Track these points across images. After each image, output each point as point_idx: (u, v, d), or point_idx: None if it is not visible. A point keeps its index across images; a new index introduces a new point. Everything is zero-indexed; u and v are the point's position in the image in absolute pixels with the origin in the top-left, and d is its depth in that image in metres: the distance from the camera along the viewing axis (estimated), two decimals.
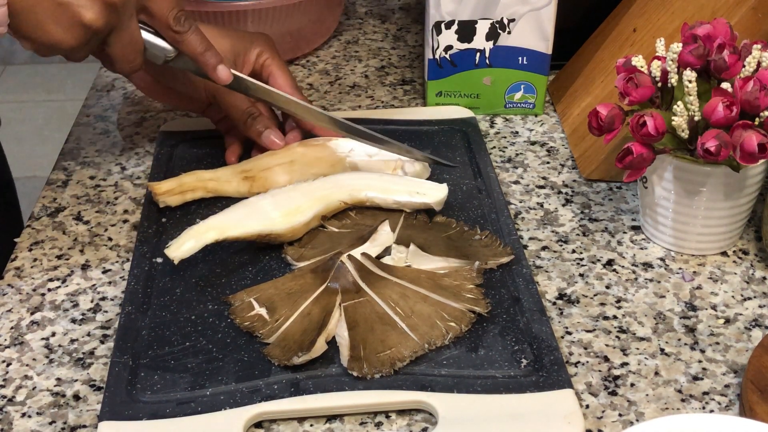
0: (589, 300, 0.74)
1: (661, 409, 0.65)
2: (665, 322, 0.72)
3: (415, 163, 0.85)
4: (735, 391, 0.66)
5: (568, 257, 0.79)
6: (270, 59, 0.87)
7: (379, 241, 0.75)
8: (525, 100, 0.98)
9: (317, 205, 0.79)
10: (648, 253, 0.79)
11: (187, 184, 0.83)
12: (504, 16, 0.93)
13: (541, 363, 0.66)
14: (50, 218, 0.85)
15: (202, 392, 0.64)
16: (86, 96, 1.05)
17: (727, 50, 0.73)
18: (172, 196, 0.82)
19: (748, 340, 0.70)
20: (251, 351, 0.68)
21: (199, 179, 0.84)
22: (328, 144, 0.86)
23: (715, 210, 0.76)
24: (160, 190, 0.82)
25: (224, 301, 0.72)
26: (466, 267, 0.73)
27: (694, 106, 0.71)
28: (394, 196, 0.80)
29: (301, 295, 0.71)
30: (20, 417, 0.65)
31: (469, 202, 0.83)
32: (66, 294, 0.76)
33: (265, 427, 0.64)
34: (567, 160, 0.92)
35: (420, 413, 0.64)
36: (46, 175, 0.91)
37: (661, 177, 0.76)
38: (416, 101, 1.02)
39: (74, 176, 0.91)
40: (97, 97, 1.05)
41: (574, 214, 0.84)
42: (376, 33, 1.18)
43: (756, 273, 0.77)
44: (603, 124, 0.75)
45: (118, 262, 0.79)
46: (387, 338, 0.67)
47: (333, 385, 0.65)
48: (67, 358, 0.70)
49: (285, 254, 0.77)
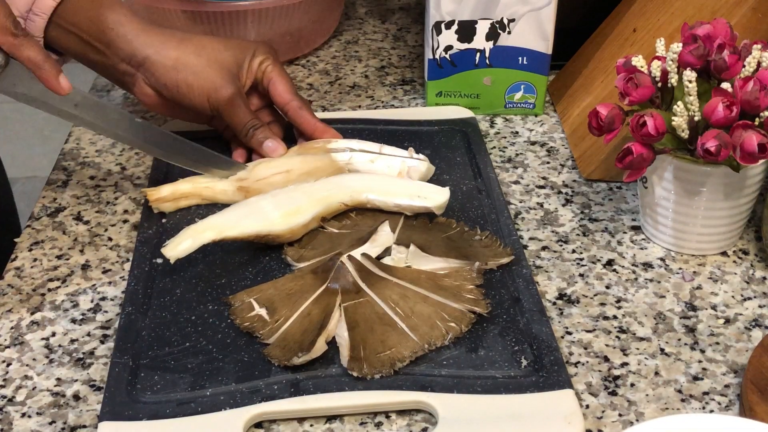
0: (589, 300, 0.74)
1: (661, 409, 0.65)
2: (665, 322, 0.72)
3: (420, 165, 0.84)
4: (735, 391, 0.66)
5: (568, 257, 0.79)
6: (271, 66, 0.88)
7: (379, 241, 0.75)
8: (525, 100, 0.98)
9: (317, 206, 0.79)
10: (648, 253, 0.79)
11: (181, 191, 0.83)
12: (504, 16, 0.93)
13: (541, 363, 0.66)
14: (50, 218, 0.85)
15: (202, 392, 0.64)
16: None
17: (727, 50, 0.73)
18: (166, 202, 0.82)
19: (748, 340, 0.70)
20: (251, 351, 0.68)
21: (194, 187, 0.83)
22: (326, 152, 0.86)
23: (715, 210, 0.76)
24: (153, 196, 0.82)
25: (224, 302, 0.72)
26: (466, 267, 0.73)
27: (694, 106, 0.71)
28: (395, 199, 0.80)
29: (301, 296, 0.71)
30: (20, 417, 0.65)
31: (469, 203, 0.83)
32: (66, 294, 0.76)
33: (265, 427, 0.64)
34: (567, 160, 0.92)
35: (420, 413, 0.64)
36: (46, 175, 0.91)
37: (661, 177, 0.76)
38: (416, 101, 1.02)
39: (74, 176, 0.91)
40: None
41: (574, 214, 0.84)
42: (376, 33, 1.18)
43: (756, 273, 0.77)
44: (603, 124, 0.75)
45: (118, 262, 0.79)
46: (387, 338, 0.67)
47: (333, 385, 0.65)
48: (67, 358, 0.70)
49: (285, 255, 0.77)
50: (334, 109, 1.01)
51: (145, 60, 0.84)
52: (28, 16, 0.82)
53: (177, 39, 0.85)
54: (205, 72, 0.84)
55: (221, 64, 0.85)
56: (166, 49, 0.84)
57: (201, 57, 0.84)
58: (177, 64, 0.84)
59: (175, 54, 0.84)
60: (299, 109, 0.87)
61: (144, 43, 0.84)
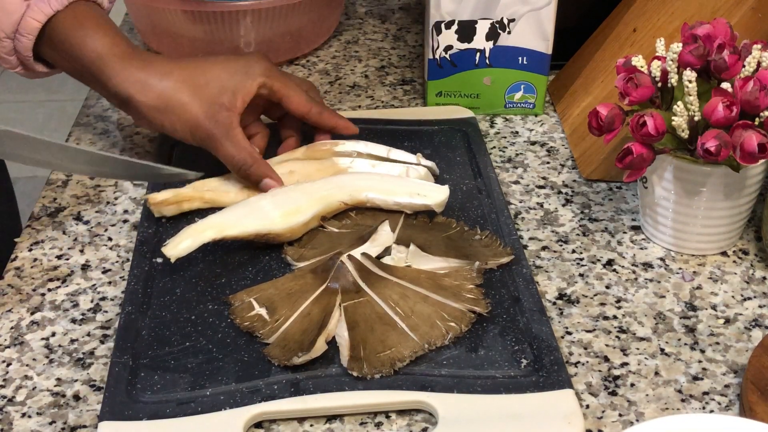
0: (589, 300, 0.74)
1: (661, 409, 0.65)
2: (665, 322, 0.72)
3: (419, 170, 0.85)
4: (735, 391, 0.66)
5: (568, 257, 0.79)
6: (276, 85, 0.83)
7: (379, 241, 0.75)
8: (525, 100, 0.98)
9: (317, 206, 0.79)
10: (648, 253, 0.79)
11: (183, 195, 0.82)
12: (504, 16, 0.93)
13: (541, 363, 0.66)
14: (50, 218, 0.85)
15: (202, 392, 0.64)
16: (86, 96, 1.05)
17: (727, 50, 0.73)
18: (167, 206, 0.81)
19: (748, 340, 0.70)
20: (251, 351, 0.68)
21: (195, 189, 0.82)
22: (333, 155, 0.86)
23: (715, 210, 0.76)
24: (155, 200, 0.81)
25: (224, 301, 0.72)
26: (466, 267, 0.73)
27: (694, 106, 0.71)
28: (394, 198, 0.80)
29: (301, 295, 0.71)
30: (20, 417, 0.65)
31: (469, 202, 0.83)
32: (66, 294, 0.76)
33: (265, 427, 0.64)
34: (567, 160, 0.92)
35: (420, 413, 0.64)
36: (46, 175, 0.91)
37: (661, 177, 0.76)
38: (416, 101, 1.02)
39: (74, 176, 0.91)
40: (97, 97, 1.05)
41: (574, 214, 0.84)
42: (376, 33, 1.18)
43: (756, 273, 0.77)
44: (603, 124, 0.75)
45: (118, 262, 0.79)
46: (387, 338, 0.67)
47: (333, 385, 0.65)
48: (67, 358, 0.70)
49: (285, 254, 0.77)
50: (335, 109, 1.00)
51: (129, 99, 0.81)
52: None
53: (159, 73, 0.81)
54: (186, 109, 0.80)
55: (207, 98, 0.81)
56: (148, 88, 0.80)
57: (184, 93, 0.80)
58: (159, 104, 0.80)
59: (158, 91, 0.80)
60: (320, 115, 0.86)
61: (124, 80, 0.80)
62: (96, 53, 0.81)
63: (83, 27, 0.81)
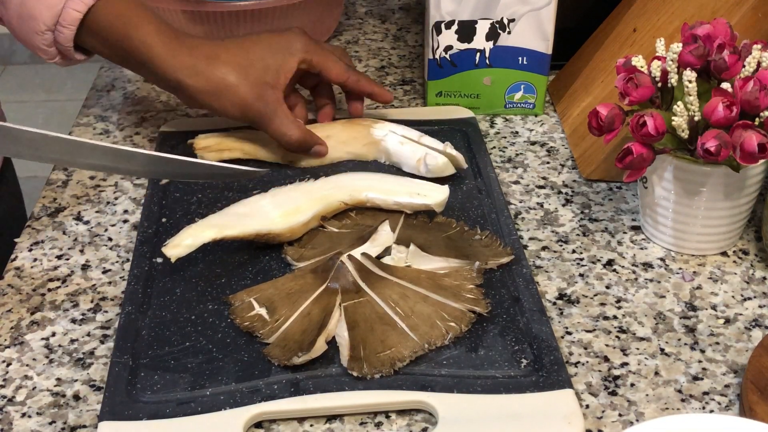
0: (589, 300, 0.74)
1: (661, 409, 0.65)
2: (665, 322, 0.72)
3: (438, 157, 0.85)
4: (735, 391, 0.66)
5: (568, 257, 0.79)
6: (314, 59, 0.87)
7: (379, 241, 0.75)
8: (525, 100, 0.98)
9: (317, 206, 0.79)
10: (648, 253, 0.79)
11: (226, 144, 0.88)
12: (504, 16, 0.93)
13: (541, 363, 0.66)
14: (50, 218, 0.85)
15: (202, 392, 0.64)
16: (86, 96, 1.05)
17: (727, 50, 0.73)
18: (210, 152, 0.87)
19: (748, 340, 0.70)
20: (251, 351, 0.68)
21: (237, 139, 0.88)
22: (366, 126, 0.89)
23: (715, 210, 0.76)
24: (200, 145, 0.87)
25: (224, 301, 0.72)
26: (466, 267, 0.73)
27: (694, 106, 0.71)
28: (394, 198, 0.80)
29: (301, 295, 0.71)
30: (20, 417, 0.65)
31: (469, 202, 0.83)
32: (66, 294, 0.76)
33: (265, 427, 0.64)
34: (567, 160, 0.92)
35: (420, 413, 0.64)
36: (46, 175, 0.91)
37: (661, 177, 0.76)
38: (416, 101, 1.02)
39: (74, 176, 0.91)
40: (97, 97, 1.05)
41: (574, 214, 0.84)
42: (376, 33, 1.18)
43: (756, 273, 0.77)
44: (603, 124, 0.75)
45: (118, 262, 0.79)
46: (387, 338, 0.67)
47: (333, 385, 0.65)
48: (67, 358, 0.70)
49: (285, 254, 0.77)
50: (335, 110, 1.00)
51: (178, 84, 0.83)
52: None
53: (206, 57, 0.83)
54: (235, 92, 0.83)
55: (254, 78, 0.83)
56: (197, 73, 0.82)
57: (231, 75, 0.83)
58: (209, 88, 0.83)
59: (207, 75, 0.82)
60: (357, 82, 0.89)
61: (173, 67, 0.82)
62: (140, 41, 0.82)
63: (124, 15, 0.82)
